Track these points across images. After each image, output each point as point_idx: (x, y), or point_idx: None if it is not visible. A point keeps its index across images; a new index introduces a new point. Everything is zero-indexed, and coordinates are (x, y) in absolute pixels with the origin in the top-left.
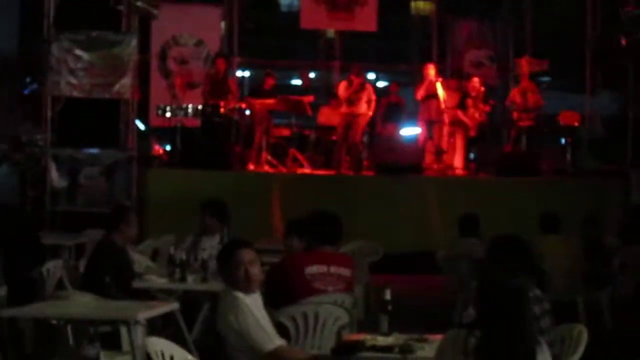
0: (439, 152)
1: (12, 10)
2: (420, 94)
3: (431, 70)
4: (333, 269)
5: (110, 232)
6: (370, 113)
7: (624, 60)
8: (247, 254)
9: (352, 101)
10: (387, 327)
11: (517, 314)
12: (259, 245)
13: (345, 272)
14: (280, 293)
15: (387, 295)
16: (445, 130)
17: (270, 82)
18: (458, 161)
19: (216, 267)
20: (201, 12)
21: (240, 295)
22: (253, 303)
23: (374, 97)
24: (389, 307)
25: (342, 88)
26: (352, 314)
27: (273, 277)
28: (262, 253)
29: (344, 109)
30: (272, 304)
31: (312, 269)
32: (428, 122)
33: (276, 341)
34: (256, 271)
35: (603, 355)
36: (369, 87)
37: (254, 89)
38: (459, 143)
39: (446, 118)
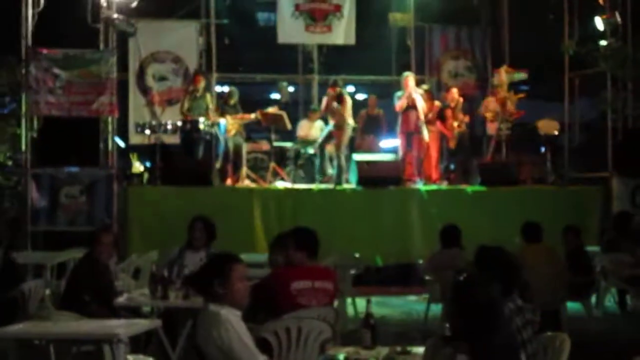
0: (419, 164)
1: None
2: (400, 105)
3: (411, 82)
4: (318, 284)
5: (90, 251)
6: (350, 123)
7: (602, 67)
8: (243, 269)
9: (331, 114)
10: (370, 340)
11: (490, 327)
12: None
13: (328, 285)
14: (265, 309)
15: (370, 309)
16: (424, 141)
17: (231, 100)
18: (433, 172)
19: (201, 282)
20: (178, 28)
21: (222, 311)
22: (234, 319)
23: (348, 106)
24: (372, 320)
25: (323, 103)
26: (335, 327)
27: (258, 293)
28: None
29: (331, 121)
30: (255, 319)
31: (299, 285)
32: (407, 134)
33: (259, 357)
34: (247, 287)
35: None
36: (345, 99)
37: (222, 106)
38: (433, 154)
39: (424, 129)
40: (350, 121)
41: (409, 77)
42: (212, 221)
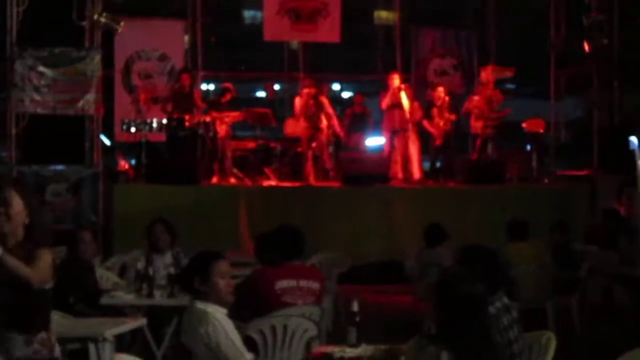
0: (404, 162)
1: None
2: (385, 103)
3: (395, 80)
4: (302, 283)
5: (71, 253)
6: (331, 123)
7: (588, 65)
8: (227, 266)
9: (308, 115)
10: (355, 338)
11: (474, 324)
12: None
13: (314, 285)
14: (250, 307)
15: (355, 307)
16: (410, 139)
17: (228, 96)
18: (415, 170)
19: (185, 281)
20: (164, 26)
21: (209, 309)
22: (221, 316)
23: (330, 111)
24: (357, 318)
25: (297, 103)
26: (321, 325)
27: (243, 291)
28: (231, 266)
29: (302, 123)
30: (241, 317)
31: (282, 284)
32: (392, 132)
33: (246, 355)
34: (231, 283)
35: None
36: (323, 100)
37: (213, 102)
38: (415, 152)
39: (411, 127)
40: (325, 121)
41: (394, 76)
42: (170, 222)
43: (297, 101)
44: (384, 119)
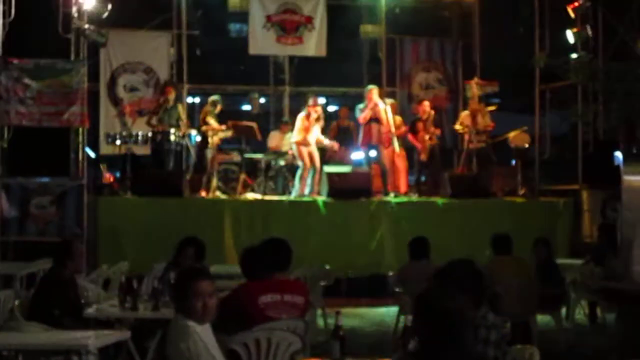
0: (384, 176)
1: None
2: (364, 117)
3: (375, 94)
4: (287, 297)
5: (57, 266)
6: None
7: (572, 80)
8: (206, 286)
9: (310, 131)
10: (339, 352)
11: (457, 339)
12: (212, 270)
13: (298, 299)
14: (234, 322)
15: (339, 320)
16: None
17: (219, 108)
18: (402, 184)
19: (170, 294)
20: (150, 39)
21: (192, 324)
22: (204, 331)
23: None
24: (341, 332)
25: (301, 120)
26: (305, 339)
27: (226, 306)
28: (215, 278)
29: (303, 140)
30: (225, 331)
31: (266, 298)
32: (368, 146)
33: None
34: (213, 303)
35: None
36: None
37: (208, 114)
38: (402, 166)
39: (395, 141)
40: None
41: (373, 90)
42: (202, 243)
43: (301, 118)
44: (362, 133)
